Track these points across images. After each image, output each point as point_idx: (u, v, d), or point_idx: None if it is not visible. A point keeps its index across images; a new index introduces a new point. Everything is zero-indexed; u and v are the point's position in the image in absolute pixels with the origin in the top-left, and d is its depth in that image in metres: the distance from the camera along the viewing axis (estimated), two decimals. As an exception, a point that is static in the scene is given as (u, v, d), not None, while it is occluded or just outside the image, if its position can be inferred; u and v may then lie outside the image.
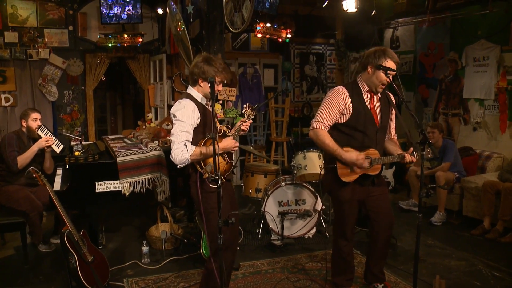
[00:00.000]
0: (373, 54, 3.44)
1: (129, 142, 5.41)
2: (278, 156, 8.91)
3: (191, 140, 3.25)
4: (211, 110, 3.42)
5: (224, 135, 3.42)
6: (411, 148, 3.39)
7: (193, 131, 3.29)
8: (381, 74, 3.38)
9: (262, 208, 5.27)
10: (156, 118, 8.01)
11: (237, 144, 3.43)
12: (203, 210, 3.28)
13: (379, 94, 3.57)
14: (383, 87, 3.44)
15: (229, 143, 3.36)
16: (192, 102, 3.30)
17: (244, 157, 8.52)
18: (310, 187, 5.34)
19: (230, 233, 3.37)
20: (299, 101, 9.38)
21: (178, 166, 3.24)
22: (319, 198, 5.32)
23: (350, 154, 3.38)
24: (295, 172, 5.37)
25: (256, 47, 8.77)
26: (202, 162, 3.26)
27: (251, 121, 3.53)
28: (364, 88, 3.52)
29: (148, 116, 7.06)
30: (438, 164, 6.24)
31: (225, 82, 3.47)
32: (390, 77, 3.39)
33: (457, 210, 6.18)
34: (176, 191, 5.63)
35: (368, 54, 3.48)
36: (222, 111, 5.58)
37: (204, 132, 3.33)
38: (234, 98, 5.77)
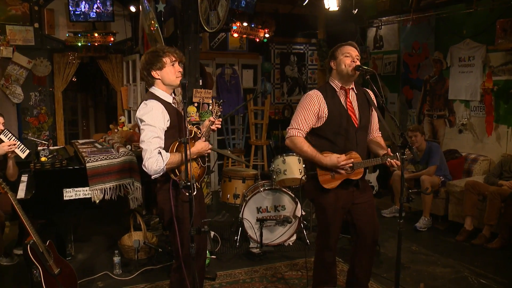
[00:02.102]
0: (330, 53, 3.60)
1: (99, 146, 5.37)
2: (257, 160, 8.91)
3: (163, 146, 3.13)
4: (180, 107, 3.39)
5: (196, 137, 3.37)
6: (389, 149, 3.41)
7: (164, 136, 3.17)
8: (341, 58, 3.47)
9: (240, 215, 5.27)
10: (129, 121, 7.96)
11: (210, 146, 3.38)
12: (176, 219, 3.19)
13: (355, 90, 3.59)
14: (355, 71, 3.42)
15: (202, 146, 3.29)
16: (158, 103, 3.16)
17: (222, 162, 8.51)
18: (289, 193, 5.35)
19: (202, 241, 3.35)
20: (279, 103, 9.40)
21: (152, 176, 3.13)
22: (299, 204, 5.34)
23: (330, 158, 3.37)
24: (274, 177, 5.37)
25: (234, 47, 8.77)
26: (176, 169, 3.18)
27: (220, 119, 3.49)
28: (338, 86, 3.53)
29: (120, 120, 7.00)
30: (423, 167, 6.30)
31: (178, 60, 3.29)
32: (354, 59, 3.44)
33: (442, 215, 6.25)
34: (150, 198, 5.60)
35: (327, 58, 3.66)
36: (198, 114, 5.56)
37: (174, 135, 3.22)
38: (210, 101, 5.74)
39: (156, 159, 3.02)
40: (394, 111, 8.24)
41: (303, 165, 5.30)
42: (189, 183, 2.84)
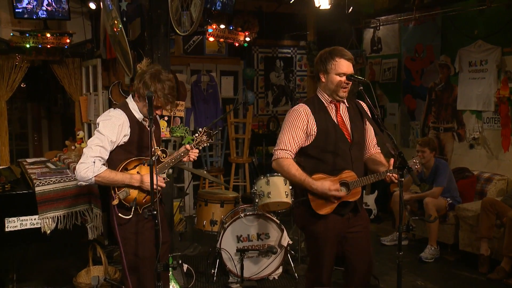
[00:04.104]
0: (319, 59, 3.59)
1: (52, 167, 5.34)
2: (238, 181, 8.91)
3: (105, 158, 3.36)
4: (152, 127, 3.45)
5: (158, 161, 3.43)
6: (391, 160, 3.44)
7: (119, 149, 3.41)
8: (334, 77, 3.49)
9: (218, 245, 5.25)
10: (89, 137, 7.90)
11: (162, 185, 3.48)
12: (120, 243, 3.46)
13: (346, 103, 3.63)
14: (345, 90, 3.49)
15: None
16: (123, 115, 3.40)
17: (198, 182, 8.48)
18: (274, 219, 5.35)
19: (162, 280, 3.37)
20: (263, 114, 9.42)
21: (78, 183, 3.39)
22: (285, 232, 5.34)
23: (322, 184, 3.39)
24: (257, 200, 5.37)
25: (212, 51, 8.80)
26: (116, 187, 3.39)
27: (197, 150, 3.56)
28: (327, 100, 3.58)
29: (78, 135, 6.93)
30: (429, 187, 6.32)
31: (161, 107, 3.53)
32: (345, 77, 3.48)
33: (452, 244, 6.25)
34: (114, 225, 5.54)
35: (316, 61, 3.63)
36: (168, 129, 5.56)
37: (132, 152, 3.42)
38: (182, 114, 5.76)
39: (87, 166, 3.26)
40: (394, 123, 8.31)
41: (290, 187, 5.32)
42: (127, 205, 2.93)
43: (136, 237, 3.44)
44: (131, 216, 3.27)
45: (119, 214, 3.38)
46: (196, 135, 3.61)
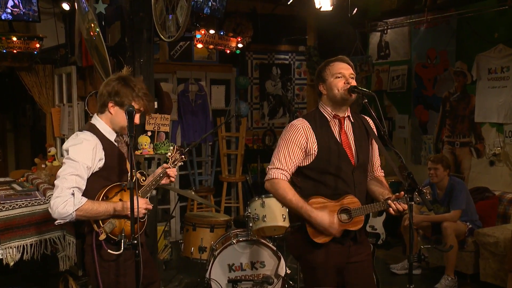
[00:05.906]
0: (316, 74, 3.67)
1: (19, 188, 5.33)
2: (231, 202, 8.90)
3: (83, 188, 3.22)
4: (124, 148, 3.46)
5: (138, 185, 3.41)
6: (402, 192, 3.42)
7: (94, 177, 3.29)
8: (332, 81, 3.50)
9: (207, 274, 5.23)
10: (62, 154, 7.89)
11: (149, 206, 3.44)
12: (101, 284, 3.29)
13: (351, 119, 3.64)
14: (350, 94, 3.47)
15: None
16: (94, 137, 3.30)
17: (186, 204, 8.46)
18: (270, 245, 5.34)
19: None
20: (258, 127, 9.45)
21: (56, 221, 3.21)
22: (282, 260, 5.32)
23: (322, 217, 3.39)
24: (251, 224, 5.37)
25: (201, 57, 8.82)
26: (100, 220, 3.26)
27: (174, 169, 3.57)
28: (330, 114, 3.58)
29: (49, 152, 6.92)
30: (444, 209, 6.31)
31: (143, 111, 3.50)
32: (348, 79, 3.48)
33: (471, 274, 6.21)
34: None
35: (315, 78, 3.71)
36: (152, 145, 5.56)
37: (108, 178, 3.33)
38: (167, 129, 5.76)
39: (65, 199, 3.10)
40: (404, 137, 8.32)
41: (287, 210, 5.33)
42: (115, 239, 2.89)
43: (118, 279, 3.34)
44: (121, 250, 3.12)
45: (108, 251, 3.22)
46: (169, 154, 3.61)
